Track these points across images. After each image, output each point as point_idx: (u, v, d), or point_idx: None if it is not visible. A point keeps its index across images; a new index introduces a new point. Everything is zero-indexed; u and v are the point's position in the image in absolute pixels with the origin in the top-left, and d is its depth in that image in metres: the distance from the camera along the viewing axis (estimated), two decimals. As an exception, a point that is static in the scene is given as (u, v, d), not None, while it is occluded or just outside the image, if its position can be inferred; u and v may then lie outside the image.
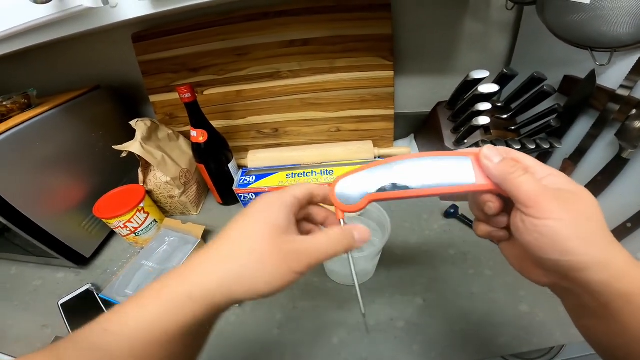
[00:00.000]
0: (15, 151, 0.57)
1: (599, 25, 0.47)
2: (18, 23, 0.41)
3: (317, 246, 0.26)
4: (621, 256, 0.23)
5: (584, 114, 0.57)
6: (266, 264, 0.24)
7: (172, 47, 0.74)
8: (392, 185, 0.29)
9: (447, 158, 0.28)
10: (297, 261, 0.25)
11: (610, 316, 0.23)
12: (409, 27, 0.73)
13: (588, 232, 0.23)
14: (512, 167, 0.26)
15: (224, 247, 0.25)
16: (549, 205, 0.23)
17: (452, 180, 0.28)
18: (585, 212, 0.23)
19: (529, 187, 0.24)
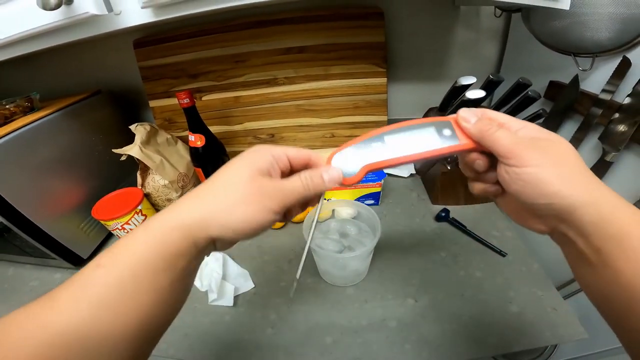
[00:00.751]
0: (17, 153, 0.58)
1: (580, 31, 0.50)
2: (27, 28, 0.43)
3: (291, 187, 0.27)
4: (608, 196, 0.24)
5: (569, 118, 0.59)
6: (243, 202, 0.25)
7: (173, 53, 0.76)
8: (385, 155, 0.30)
9: (431, 124, 0.30)
10: (272, 199, 0.26)
11: (603, 262, 0.23)
12: (401, 35, 0.76)
13: (568, 173, 0.24)
14: (487, 124, 0.28)
15: (209, 188, 0.26)
16: (527, 154, 0.25)
17: (439, 144, 0.30)
18: (562, 155, 0.25)
19: (505, 140, 0.26)
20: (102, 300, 0.21)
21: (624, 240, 0.22)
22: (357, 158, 0.30)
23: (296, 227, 0.72)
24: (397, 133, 0.30)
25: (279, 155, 0.29)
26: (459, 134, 0.30)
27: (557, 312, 0.50)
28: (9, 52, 0.49)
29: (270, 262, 0.65)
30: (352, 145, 0.31)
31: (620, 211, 0.23)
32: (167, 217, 0.25)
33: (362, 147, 0.30)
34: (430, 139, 0.30)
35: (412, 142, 0.30)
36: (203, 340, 0.53)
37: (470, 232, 0.65)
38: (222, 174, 0.27)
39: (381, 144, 0.30)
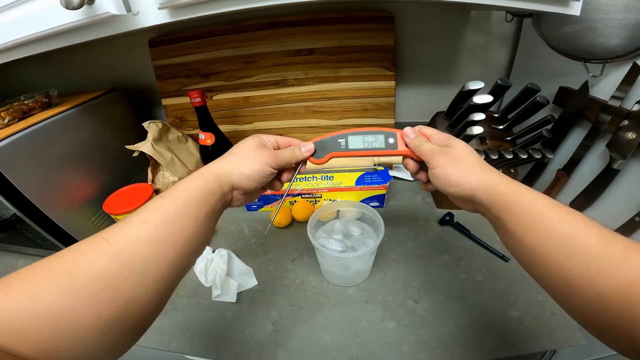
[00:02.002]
0: (33, 147, 0.60)
1: (590, 37, 0.49)
2: (49, 26, 0.45)
3: (281, 154, 0.40)
4: (494, 179, 0.33)
5: (578, 124, 0.58)
6: (249, 159, 0.37)
7: (186, 52, 0.78)
8: (346, 148, 0.43)
9: (382, 132, 0.42)
10: (267, 158, 0.38)
11: (503, 227, 0.31)
12: (411, 38, 0.76)
13: (463, 168, 0.35)
14: (419, 140, 0.39)
15: (230, 154, 0.38)
16: (436, 158, 0.36)
17: (384, 147, 0.42)
18: (459, 156, 0.35)
19: (426, 150, 0.38)
20: (160, 223, 0.28)
21: (509, 207, 0.30)
22: (327, 147, 0.43)
23: (300, 227, 0.73)
24: (357, 135, 0.43)
25: (270, 138, 0.42)
26: (399, 143, 0.42)
27: (556, 317, 0.50)
28: (31, 50, 0.51)
29: (274, 261, 0.65)
30: (325, 137, 0.43)
31: (503, 187, 0.32)
32: (206, 168, 0.36)
33: (332, 140, 0.43)
34: (379, 142, 0.42)
35: (366, 143, 0.42)
36: (204, 334, 0.54)
37: (474, 236, 0.65)
38: (236, 147, 0.39)
39: (345, 141, 0.43)
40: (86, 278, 0.24)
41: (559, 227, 0.27)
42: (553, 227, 0.27)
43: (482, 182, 0.33)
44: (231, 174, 0.36)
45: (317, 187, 0.72)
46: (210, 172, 0.35)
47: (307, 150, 0.43)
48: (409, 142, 0.40)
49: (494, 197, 0.32)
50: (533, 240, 0.28)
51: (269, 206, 0.77)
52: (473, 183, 0.33)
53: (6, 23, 0.47)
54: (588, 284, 0.24)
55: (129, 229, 0.27)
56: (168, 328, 0.55)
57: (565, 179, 0.60)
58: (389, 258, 0.63)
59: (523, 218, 0.29)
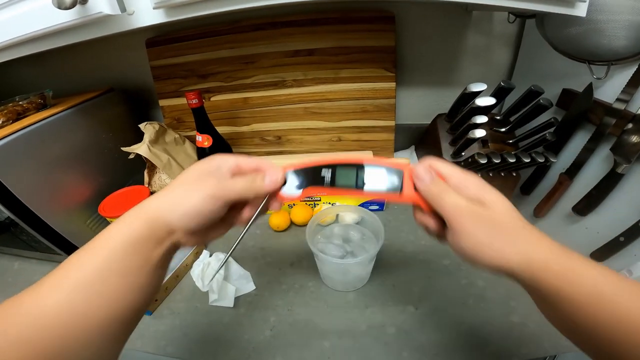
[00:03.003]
0: (28, 149, 0.59)
1: (595, 39, 0.49)
2: (42, 26, 0.44)
3: (233, 183, 0.31)
4: (541, 252, 0.25)
5: (581, 127, 0.57)
6: (187, 192, 0.29)
7: (183, 53, 0.77)
8: (330, 183, 0.32)
9: (383, 168, 0.32)
10: (212, 188, 0.29)
11: (550, 307, 0.26)
12: (411, 39, 0.75)
13: (502, 241, 0.26)
14: (438, 187, 0.29)
15: (168, 186, 0.31)
16: (465, 223, 0.27)
17: (384, 189, 0.31)
18: (496, 221, 0.27)
19: (450, 206, 0.28)
20: (79, 285, 0.24)
21: (561, 290, 0.24)
22: (305, 178, 0.32)
23: (299, 230, 0.72)
24: (349, 168, 0.32)
25: (228, 161, 0.32)
26: (406, 185, 0.31)
27: None
28: (24, 50, 0.50)
29: (272, 265, 0.65)
30: (305, 166, 0.33)
31: (553, 265, 0.25)
32: (134, 210, 0.29)
33: (312, 171, 0.32)
34: (378, 181, 0.31)
35: (359, 179, 0.32)
36: (202, 340, 0.53)
37: (476, 240, 0.64)
38: (179, 175, 0.31)
39: (330, 173, 0.32)
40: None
41: (632, 310, 0.22)
42: (625, 311, 0.22)
43: (526, 259, 0.25)
44: (165, 213, 0.28)
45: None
46: (138, 216, 0.28)
47: (271, 182, 0.32)
48: (424, 188, 0.30)
49: (541, 278, 0.25)
50: (593, 323, 0.23)
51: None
52: (512, 259, 0.26)
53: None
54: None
55: (37, 299, 0.23)
56: (165, 333, 0.54)
57: (568, 183, 0.59)
58: (389, 263, 0.62)
59: (580, 301, 0.23)
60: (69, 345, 0.22)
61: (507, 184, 0.65)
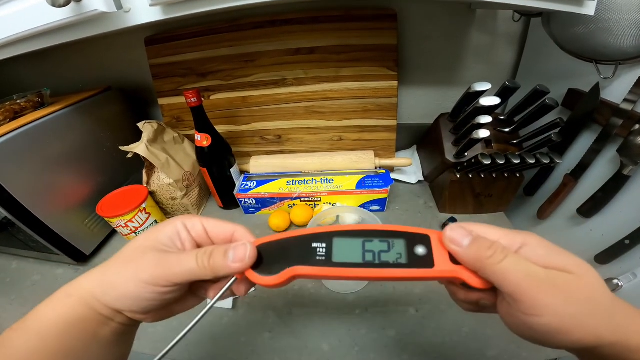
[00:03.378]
0: (25, 148, 0.58)
1: (603, 38, 0.47)
2: (36, 25, 0.43)
3: (179, 262, 0.25)
4: (632, 325, 0.21)
5: (587, 128, 0.56)
6: (121, 274, 0.25)
7: (182, 51, 0.76)
8: (326, 260, 0.24)
9: (403, 234, 0.25)
10: (149, 273, 0.24)
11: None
12: (414, 38, 0.74)
13: (593, 321, 0.20)
14: (488, 249, 0.22)
15: (111, 262, 0.26)
16: (542, 299, 0.20)
17: (406, 265, 0.24)
18: (585, 298, 0.21)
19: (515, 274, 0.21)
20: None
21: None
22: (289, 254, 0.25)
23: (300, 231, 0.72)
24: (352, 238, 0.25)
25: (193, 226, 0.27)
26: (437, 256, 0.24)
27: None
28: (20, 49, 0.49)
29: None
30: (290, 236, 0.26)
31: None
32: (72, 285, 0.25)
33: (300, 243, 0.25)
34: (395, 255, 0.24)
35: (369, 254, 0.24)
36: (200, 341, 0.52)
37: (478, 242, 0.63)
38: (124, 250, 0.26)
39: (325, 247, 0.24)
40: None
41: None
42: None
43: (623, 336, 0.20)
44: (99, 295, 0.24)
45: (317, 191, 0.70)
46: (70, 293, 0.25)
47: (237, 260, 0.25)
48: (466, 252, 0.23)
49: (632, 353, 0.20)
50: None
51: (266, 209, 0.76)
52: (603, 339, 0.20)
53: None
54: None
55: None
56: (163, 334, 0.54)
57: (573, 185, 0.58)
58: (390, 264, 0.61)
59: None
60: None
61: (511, 185, 0.64)
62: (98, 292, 0.24)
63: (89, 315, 0.24)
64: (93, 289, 0.25)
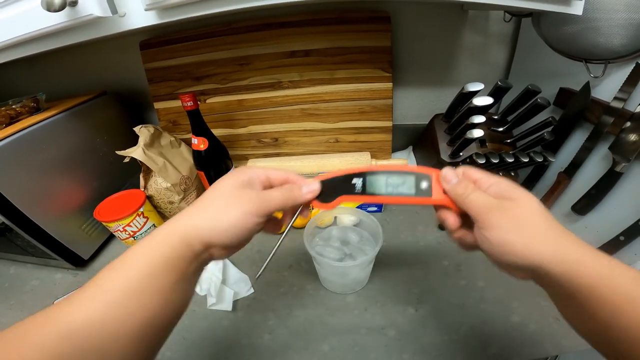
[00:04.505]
0: (22, 153, 0.58)
1: (592, 37, 0.48)
2: (32, 29, 0.43)
3: (270, 195, 0.31)
4: (574, 248, 0.25)
5: (579, 127, 0.57)
6: (226, 208, 0.29)
7: (178, 55, 0.76)
8: (362, 191, 0.34)
9: (413, 174, 0.33)
10: (251, 203, 0.30)
11: (578, 305, 0.25)
12: (408, 39, 0.75)
13: (530, 234, 0.26)
14: (464, 188, 0.30)
15: (201, 201, 0.31)
16: (492, 218, 0.27)
17: (413, 194, 0.33)
18: (524, 216, 0.27)
19: (476, 203, 0.29)
20: (112, 299, 0.24)
21: (595, 289, 0.23)
22: (337, 187, 0.34)
23: (298, 233, 0.71)
24: (379, 175, 0.34)
25: (259, 173, 0.33)
26: (434, 189, 0.32)
27: (559, 322, 0.49)
28: (15, 53, 0.49)
29: (270, 268, 0.64)
30: (336, 175, 0.35)
31: (588, 260, 0.24)
32: (167, 226, 0.28)
33: (344, 180, 0.34)
34: (408, 187, 0.33)
35: (390, 187, 0.33)
36: (200, 344, 0.52)
37: (475, 241, 0.63)
38: (211, 189, 0.31)
39: (361, 181, 0.34)
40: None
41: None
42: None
43: (558, 254, 0.25)
44: (203, 230, 0.28)
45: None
46: (173, 233, 0.28)
47: (309, 192, 0.34)
48: (449, 188, 0.31)
49: (574, 273, 0.24)
50: (626, 326, 0.22)
51: (264, 211, 0.76)
52: (543, 254, 0.25)
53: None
54: None
55: (67, 312, 0.23)
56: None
57: (567, 182, 0.59)
58: (388, 264, 0.61)
59: (615, 302, 0.23)
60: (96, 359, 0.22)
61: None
62: (204, 228, 0.28)
63: (185, 253, 0.27)
64: (198, 226, 0.28)
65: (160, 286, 0.25)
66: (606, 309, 0.23)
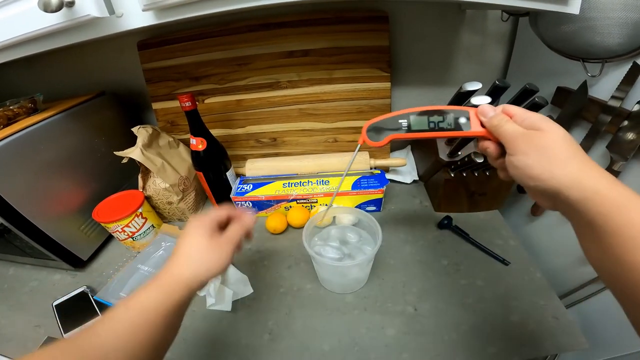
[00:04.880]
0: (19, 154, 0.58)
1: (589, 36, 0.48)
2: (28, 30, 0.43)
3: (233, 232, 0.41)
4: (593, 175, 0.27)
5: (577, 125, 0.57)
6: (210, 254, 0.38)
7: (175, 55, 0.76)
8: (408, 129, 0.39)
9: (452, 111, 0.37)
10: (227, 245, 0.39)
11: (596, 237, 0.25)
12: (406, 39, 0.75)
13: (550, 160, 0.28)
14: (499, 120, 0.33)
15: (189, 252, 0.38)
16: (519, 145, 0.30)
17: (454, 127, 0.37)
18: (547, 144, 0.29)
19: (508, 132, 0.32)
20: (124, 334, 0.30)
21: (612, 218, 0.24)
22: (386, 127, 0.40)
23: (296, 232, 0.72)
24: (421, 115, 0.38)
25: (214, 219, 0.41)
26: (473, 123, 0.36)
27: (558, 321, 0.49)
28: (12, 54, 0.49)
29: (269, 268, 0.64)
30: (383, 118, 0.40)
31: (607, 191, 0.25)
32: (173, 274, 0.35)
33: (391, 121, 0.39)
34: (448, 122, 0.37)
35: (432, 123, 0.38)
36: (200, 344, 0.53)
37: (473, 240, 0.63)
38: (192, 243, 0.38)
39: (406, 121, 0.39)
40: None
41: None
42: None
43: (576, 181, 0.27)
44: (200, 276, 0.36)
45: (313, 192, 0.71)
46: (179, 282, 0.35)
47: (252, 217, 0.45)
48: (486, 121, 0.35)
49: (591, 200, 0.25)
50: (637, 259, 0.23)
51: (263, 212, 0.76)
52: (561, 179, 0.27)
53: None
54: None
55: (92, 337, 0.29)
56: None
57: (565, 181, 0.59)
58: (387, 264, 0.62)
59: (631, 233, 0.23)
60: None
61: (504, 183, 0.65)
62: (203, 276, 0.36)
63: (189, 295, 0.35)
64: (199, 275, 0.36)
65: (171, 322, 0.33)
66: (620, 240, 0.24)
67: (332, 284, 0.58)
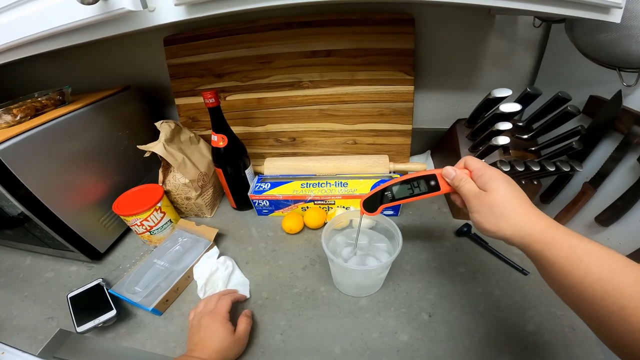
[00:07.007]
0: (45, 145, 0.59)
1: (628, 45, 0.47)
2: (64, 22, 0.44)
3: (243, 329, 0.50)
4: (530, 223, 0.34)
5: (608, 136, 0.55)
6: (235, 348, 0.48)
7: (200, 52, 0.77)
8: (393, 198, 0.47)
9: (424, 176, 0.45)
10: (242, 340, 0.49)
11: (540, 267, 0.34)
12: (431, 42, 0.74)
13: (496, 216, 0.36)
14: (458, 181, 0.40)
15: (220, 345, 0.46)
16: (473, 204, 0.38)
17: (429, 190, 0.44)
18: (493, 202, 0.36)
19: (464, 192, 0.40)
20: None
21: (544, 254, 0.32)
22: (376, 200, 0.47)
23: (312, 233, 0.71)
24: (402, 185, 0.46)
25: (229, 307, 0.52)
26: (441, 183, 0.44)
27: (574, 332, 0.48)
28: (45, 46, 0.50)
29: (284, 268, 0.64)
30: (372, 194, 0.48)
31: (538, 236, 0.33)
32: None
33: (379, 194, 0.47)
34: (423, 187, 0.45)
35: (410, 190, 0.45)
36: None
37: (492, 248, 0.62)
38: (219, 337, 0.47)
39: (390, 193, 0.46)
40: None
41: (595, 272, 0.29)
42: (590, 271, 0.29)
43: (517, 230, 0.34)
44: None
45: (331, 194, 0.70)
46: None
47: (242, 294, 0.57)
48: (449, 182, 0.42)
49: (528, 245, 0.33)
50: (570, 282, 0.30)
51: (280, 211, 0.76)
52: (506, 231, 0.35)
53: (21, 19, 0.46)
54: (622, 322, 0.26)
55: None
56: (174, 335, 0.54)
57: (592, 193, 0.57)
58: (402, 269, 0.61)
59: (560, 264, 0.31)
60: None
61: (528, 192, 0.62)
62: None
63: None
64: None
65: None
66: (555, 270, 0.31)
67: (347, 287, 0.57)
